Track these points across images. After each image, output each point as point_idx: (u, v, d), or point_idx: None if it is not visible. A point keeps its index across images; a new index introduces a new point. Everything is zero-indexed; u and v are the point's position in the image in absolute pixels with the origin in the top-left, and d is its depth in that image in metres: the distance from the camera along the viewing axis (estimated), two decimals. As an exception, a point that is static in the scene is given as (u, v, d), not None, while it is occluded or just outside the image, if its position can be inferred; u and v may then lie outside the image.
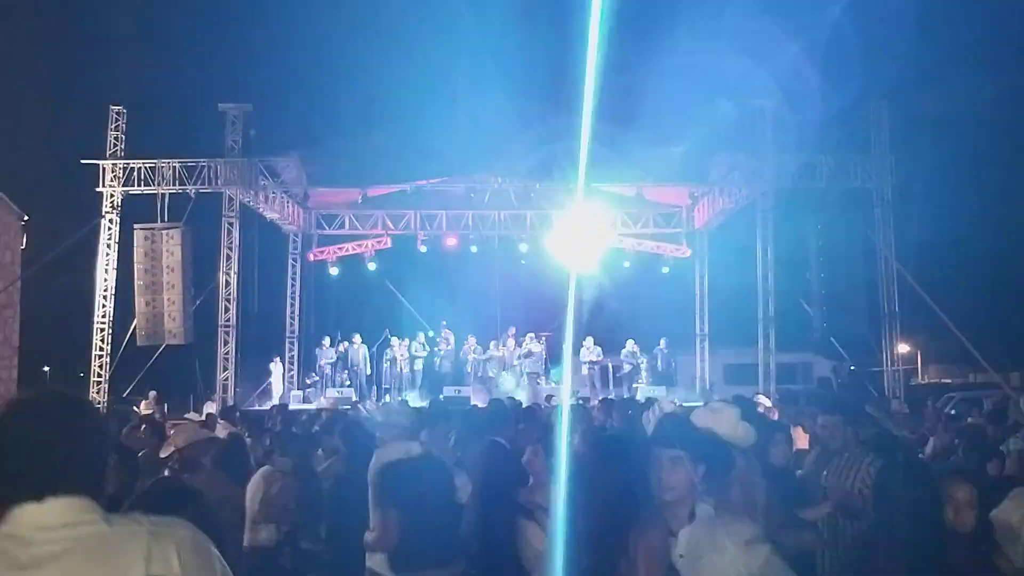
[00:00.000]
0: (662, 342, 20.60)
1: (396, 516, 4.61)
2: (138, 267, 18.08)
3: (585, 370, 20.15)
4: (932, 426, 11.62)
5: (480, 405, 11.30)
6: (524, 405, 10.34)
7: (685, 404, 13.40)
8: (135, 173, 18.76)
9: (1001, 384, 18.44)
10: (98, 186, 18.80)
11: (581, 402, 11.62)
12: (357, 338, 20.46)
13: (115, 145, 18.94)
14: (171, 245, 18.08)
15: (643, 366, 20.38)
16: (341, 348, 20.46)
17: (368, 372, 20.46)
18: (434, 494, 4.72)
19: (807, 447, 6.78)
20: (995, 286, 33.26)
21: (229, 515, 6.41)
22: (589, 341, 20.34)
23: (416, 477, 4.75)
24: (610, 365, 20.47)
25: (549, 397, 14.02)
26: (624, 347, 20.66)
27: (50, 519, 1.70)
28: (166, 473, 7.37)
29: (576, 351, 20.45)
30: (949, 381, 32.13)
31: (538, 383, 19.83)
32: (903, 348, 20.40)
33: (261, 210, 20.09)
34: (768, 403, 11.78)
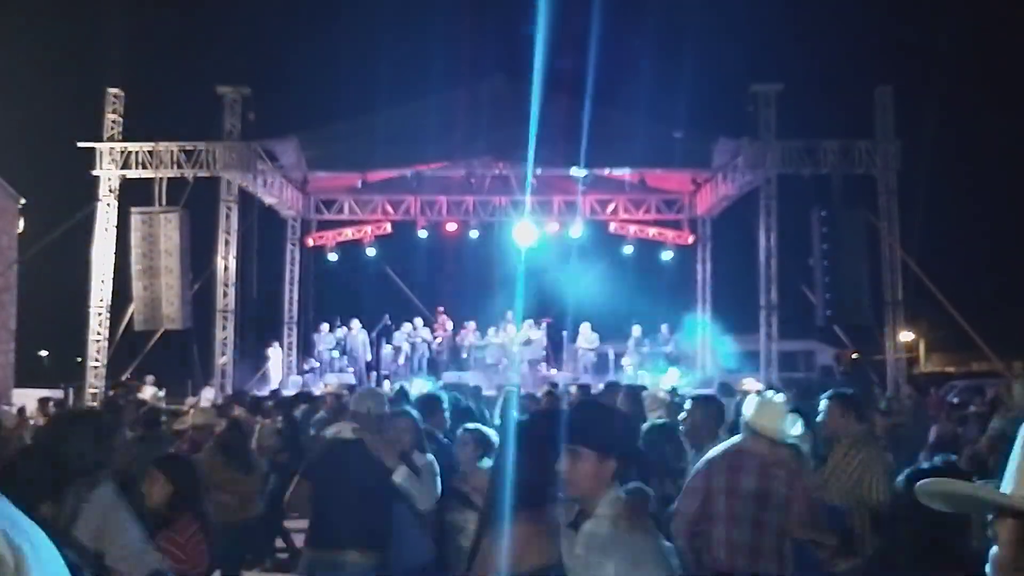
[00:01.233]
0: (664, 327, 20.45)
1: (307, 487, 4.88)
2: (135, 251, 17.95)
3: (591, 356, 20.02)
4: (935, 414, 11.56)
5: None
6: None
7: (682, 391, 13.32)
8: (133, 157, 18.60)
9: (1004, 373, 18.32)
10: (95, 169, 18.63)
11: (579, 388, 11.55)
12: (356, 324, 20.34)
13: (112, 128, 18.78)
14: (169, 229, 17.94)
15: (646, 352, 20.23)
16: (339, 333, 20.35)
17: (368, 358, 20.36)
18: (351, 478, 4.79)
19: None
20: (999, 275, 33.13)
21: (228, 499, 6.40)
22: (586, 327, 20.21)
23: (335, 457, 4.93)
24: (611, 352, 20.35)
25: (554, 385, 13.83)
26: (631, 334, 20.47)
27: None
28: (172, 451, 7.45)
29: (573, 338, 20.34)
30: (952, 370, 32.04)
31: (538, 370, 19.72)
32: (906, 336, 20.30)
33: (260, 195, 19.94)
34: (759, 388, 11.61)
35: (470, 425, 5.66)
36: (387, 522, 4.92)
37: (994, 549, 1.37)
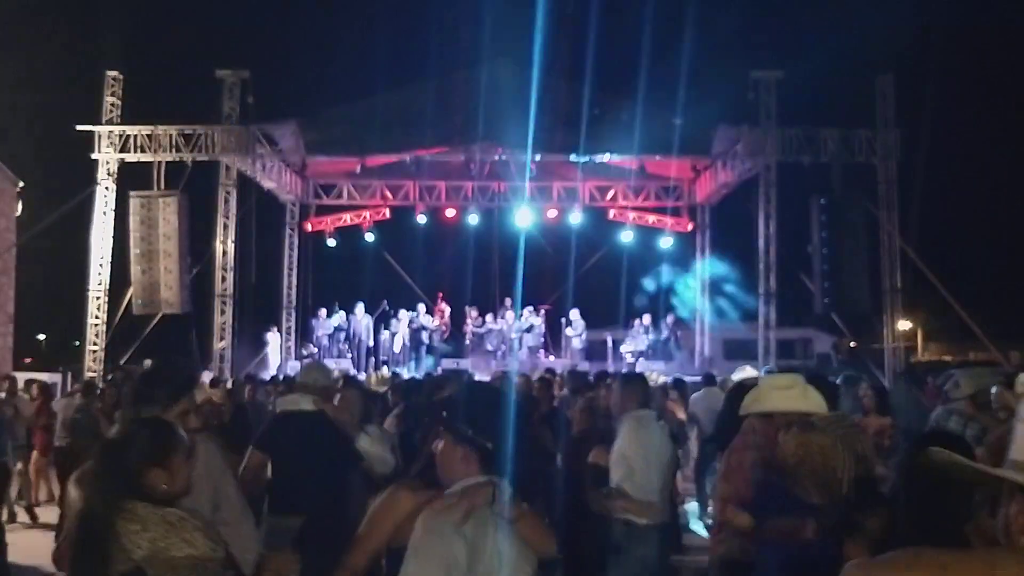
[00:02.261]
0: (669, 316, 20.43)
1: (259, 458, 4.99)
2: (134, 235, 17.90)
3: (577, 343, 19.99)
4: (931, 403, 11.59)
5: (480, 378, 11.24)
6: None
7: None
8: (131, 140, 18.55)
9: (1001, 362, 18.35)
10: (94, 153, 18.59)
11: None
12: (359, 308, 20.28)
13: (111, 111, 18.71)
14: (167, 213, 17.88)
15: (646, 339, 20.21)
16: (336, 319, 20.28)
17: (370, 344, 20.33)
18: (313, 448, 4.92)
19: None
20: (998, 264, 33.15)
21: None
22: (575, 314, 20.13)
23: (294, 428, 5.06)
24: (609, 338, 20.34)
25: (551, 371, 13.77)
26: (633, 321, 20.43)
27: None
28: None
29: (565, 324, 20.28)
30: (949, 359, 32.09)
31: (537, 357, 19.72)
32: (904, 325, 20.32)
33: (258, 179, 19.88)
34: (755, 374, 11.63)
35: None
36: (344, 488, 5.03)
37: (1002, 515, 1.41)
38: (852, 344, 22.81)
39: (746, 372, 8.77)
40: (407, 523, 2.46)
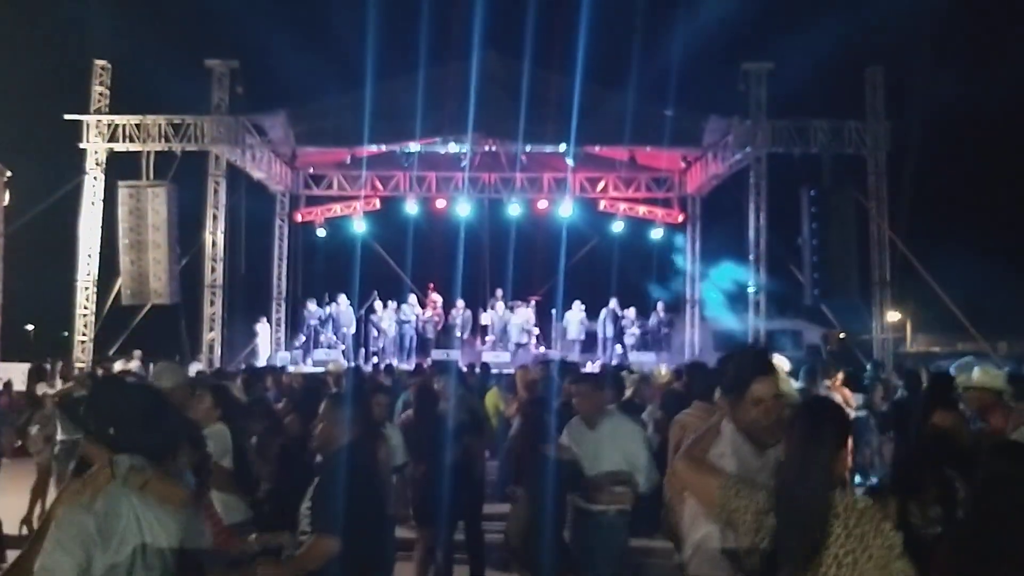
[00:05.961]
0: (659, 306, 20.41)
1: None
2: (123, 225, 17.84)
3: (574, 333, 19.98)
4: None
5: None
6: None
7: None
8: (120, 130, 18.48)
9: (989, 353, 18.45)
10: (82, 142, 18.51)
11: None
12: (342, 299, 20.24)
13: (99, 101, 18.62)
14: (156, 203, 17.82)
15: (634, 331, 20.22)
16: (326, 310, 20.23)
17: (352, 332, 20.27)
18: None
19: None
20: (986, 255, 33.28)
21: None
22: (578, 305, 20.09)
23: None
24: (599, 330, 20.34)
25: (546, 362, 13.65)
26: (622, 313, 20.41)
27: None
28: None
29: (561, 317, 20.26)
30: (938, 350, 32.28)
31: (528, 348, 19.71)
32: (893, 316, 20.40)
33: (248, 169, 19.82)
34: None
35: None
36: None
37: None
38: (841, 335, 22.89)
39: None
40: None
